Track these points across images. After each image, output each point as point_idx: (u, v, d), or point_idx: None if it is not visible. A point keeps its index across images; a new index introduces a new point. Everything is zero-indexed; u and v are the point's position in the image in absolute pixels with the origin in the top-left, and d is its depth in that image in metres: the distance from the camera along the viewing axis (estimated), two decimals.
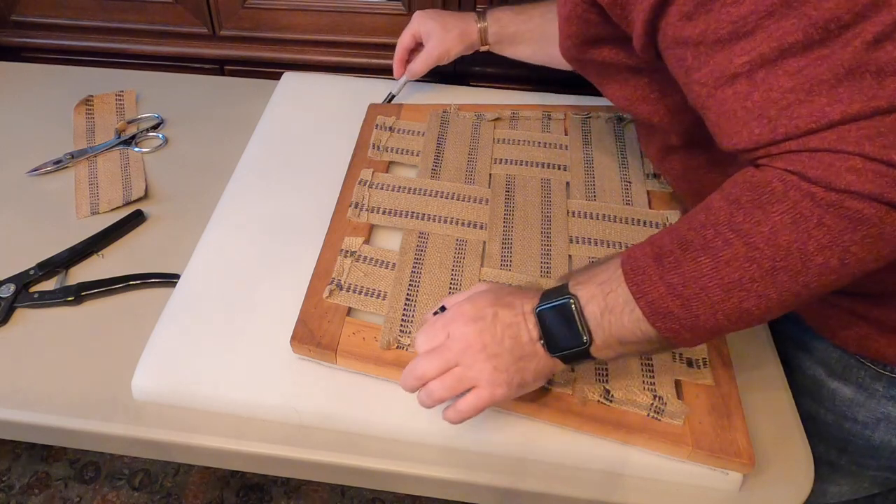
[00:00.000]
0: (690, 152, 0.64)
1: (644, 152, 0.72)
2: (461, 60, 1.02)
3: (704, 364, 0.61)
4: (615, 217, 0.73)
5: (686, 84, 0.49)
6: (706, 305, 0.46)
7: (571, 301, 0.50)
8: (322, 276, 0.67)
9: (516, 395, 0.54)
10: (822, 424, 0.67)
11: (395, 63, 0.88)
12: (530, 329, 0.52)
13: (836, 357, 0.64)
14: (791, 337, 0.69)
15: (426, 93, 0.93)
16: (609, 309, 0.50)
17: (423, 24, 0.85)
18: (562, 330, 0.51)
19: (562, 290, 0.52)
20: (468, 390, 0.53)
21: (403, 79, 0.88)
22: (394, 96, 0.90)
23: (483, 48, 0.86)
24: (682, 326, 0.47)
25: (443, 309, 0.56)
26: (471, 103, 0.88)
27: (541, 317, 0.52)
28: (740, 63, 0.44)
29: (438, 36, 0.84)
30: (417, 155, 0.81)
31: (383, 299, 0.65)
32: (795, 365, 0.69)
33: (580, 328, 0.50)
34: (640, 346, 0.50)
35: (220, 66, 1.08)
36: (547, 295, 0.52)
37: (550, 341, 0.51)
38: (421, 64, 0.86)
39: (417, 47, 0.87)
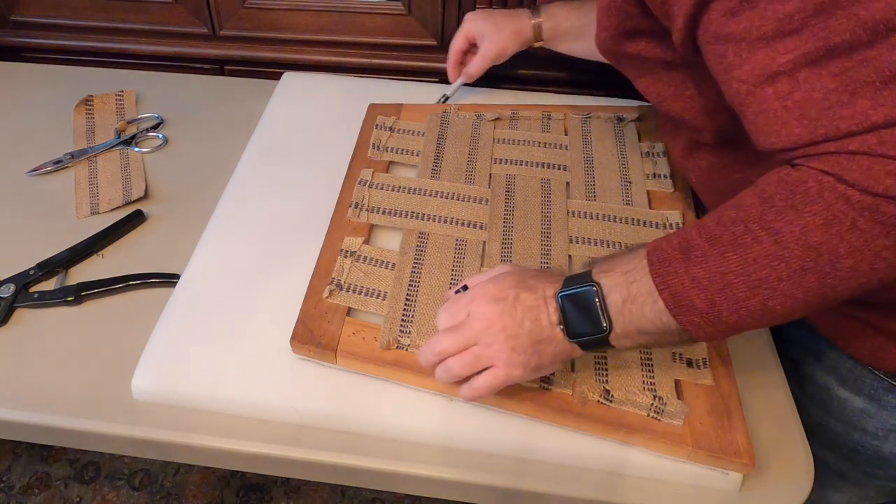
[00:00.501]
0: (718, 151, 0.63)
1: (667, 148, 0.71)
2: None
3: (704, 364, 0.61)
4: (615, 217, 0.73)
5: (725, 81, 0.48)
6: (730, 301, 0.46)
7: (594, 288, 0.51)
8: (322, 276, 0.67)
9: (532, 377, 0.55)
10: (830, 433, 0.67)
11: (450, 66, 0.88)
12: (550, 313, 0.52)
13: (848, 367, 0.64)
14: (803, 344, 0.68)
15: (426, 93, 0.93)
16: (631, 298, 0.50)
17: (475, 25, 0.85)
18: (582, 316, 0.51)
19: (585, 276, 0.52)
20: (485, 369, 0.53)
21: (459, 81, 0.88)
22: (448, 98, 0.90)
23: (536, 45, 0.85)
24: (704, 320, 0.47)
25: (465, 288, 0.57)
26: (471, 103, 0.88)
27: (562, 302, 0.52)
28: (783, 61, 0.44)
29: (492, 36, 0.83)
30: (417, 155, 0.81)
31: (383, 299, 0.65)
32: (806, 373, 0.68)
33: (601, 316, 0.50)
34: (660, 337, 0.50)
35: (220, 66, 1.08)
36: (570, 280, 0.53)
37: (570, 326, 0.52)
38: (477, 66, 0.85)
39: (470, 49, 0.87)
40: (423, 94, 0.92)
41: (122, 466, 1.34)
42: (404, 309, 0.64)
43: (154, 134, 0.90)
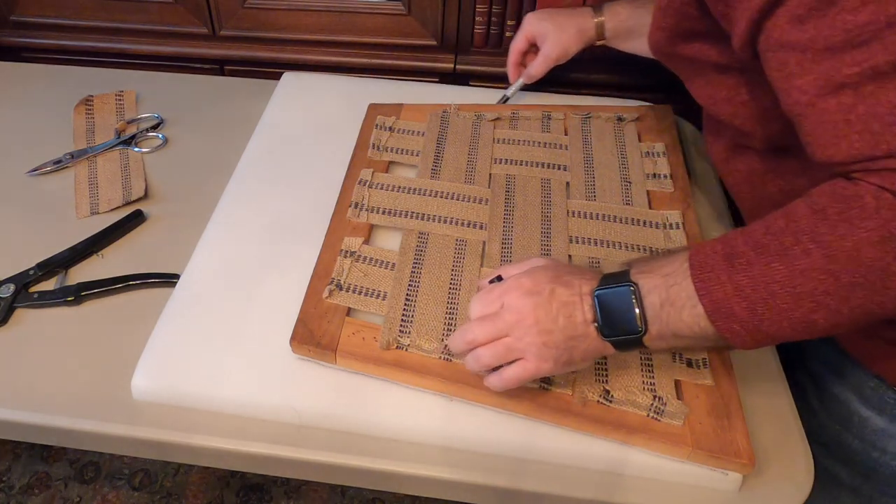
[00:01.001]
0: (763, 157, 0.62)
1: (707, 149, 0.71)
2: (461, 60, 1.02)
3: (704, 364, 0.61)
4: (615, 217, 0.73)
5: (784, 89, 0.48)
6: (772, 312, 0.46)
7: (632, 288, 0.51)
8: (322, 276, 0.67)
9: (561, 372, 0.55)
10: (848, 450, 0.66)
11: (510, 67, 0.88)
12: (585, 310, 0.52)
13: (871, 386, 0.63)
14: (825, 358, 0.67)
15: (426, 93, 0.93)
16: (670, 301, 0.49)
17: (536, 25, 0.84)
18: (618, 316, 0.51)
19: (623, 276, 0.52)
20: (515, 360, 0.53)
21: (519, 82, 0.88)
22: (508, 99, 0.90)
23: (598, 43, 0.85)
24: (744, 328, 0.47)
25: (499, 278, 0.57)
26: (471, 103, 0.88)
27: (598, 300, 0.51)
28: (849, 73, 0.43)
29: (555, 36, 0.83)
30: (417, 155, 0.81)
31: (383, 299, 0.65)
32: (827, 387, 0.67)
33: (637, 316, 0.50)
34: (695, 342, 0.50)
35: (220, 66, 1.08)
36: (607, 279, 0.52)
37: (604, 325, 0.51)
38: (540, 66, 0.85)
39: (530, 49, 0.87)
40: (423, 94, 0.92)
41: (122, 466, 1.34)
42: (404, 309, 0.64)
43: (154, 134, 0.90)
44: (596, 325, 0.52)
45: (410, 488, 0.60)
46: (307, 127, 0.87)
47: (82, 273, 0.72)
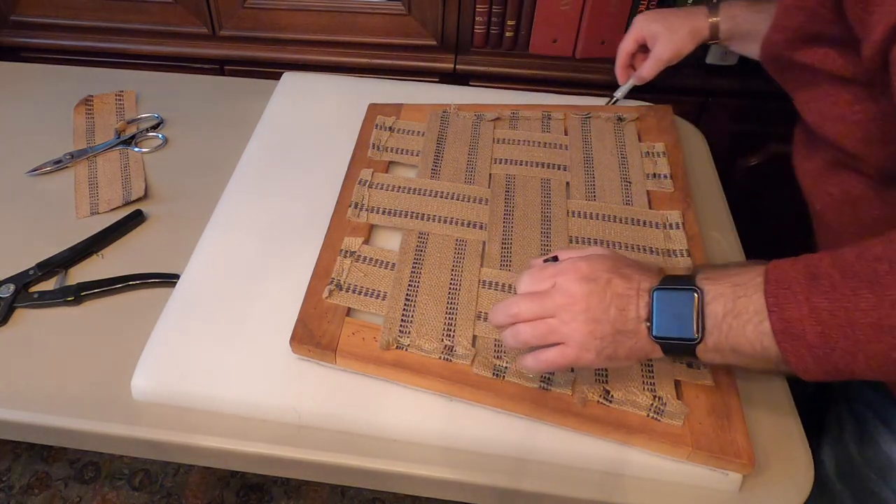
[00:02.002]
0: (864, 182, 0.58)
1: (795, 166, 0.66)
2: (461, 60, 1.02)
3: (704, 364, 0.61)
4: (615, 217, 0.73)
5: None
6: (849, 342, 0.43)
7: (696, 293, 0.48)
8: (321, 276, 0.67)
9: (602, 366, 0.53)
10: (877, 499, 0.63)
11: (619, 68, 0.87)
12: (640, 306, 0.50)
13: None
14: (872, 404, 0.64)
15: (426, 93, 0.93)
16: (735, 313, 0.47)
17: (647, 27, 0.83)
18: (674, 318, 0.49)
19: (688, 279, 0.50)
20: (555, 344, 0.51)
21: (630, 83, 0.88)
22: (617, 100, 0.89)
23: (710, 43, 0.83)
24: (811, 355, 0.44)
25: (555, 259, 0.55)
26: (471, 103, 0.88)
27: (656, 298, 0.50)
28: None
29: (666, 38, 0.82)
30: (417, 155, 0.81)
31: (383, 299, 0.65)
32: (870, 434, 0.64)
33: (695, 322, 0.48)
34: (753, 361, 0.48)
35: (220, 66, 1.08)
36: (669, 279, 0.50)
37: (657, 325, 0.49)
38: (651, 68, 0.83)
39: (639, 49, 0.85)
40: (423, 94, 0.92)
41: (122, 466, 1.34)
42: (404, 309, 0.64)
43: (154, 134, 0.90)
44: (648, 324, 0.50)
45: (410, 488, 0.60)
46: (307, 127, 0.87)
47: (82, 273, 0.72)
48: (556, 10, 0.96)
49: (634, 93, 0.89)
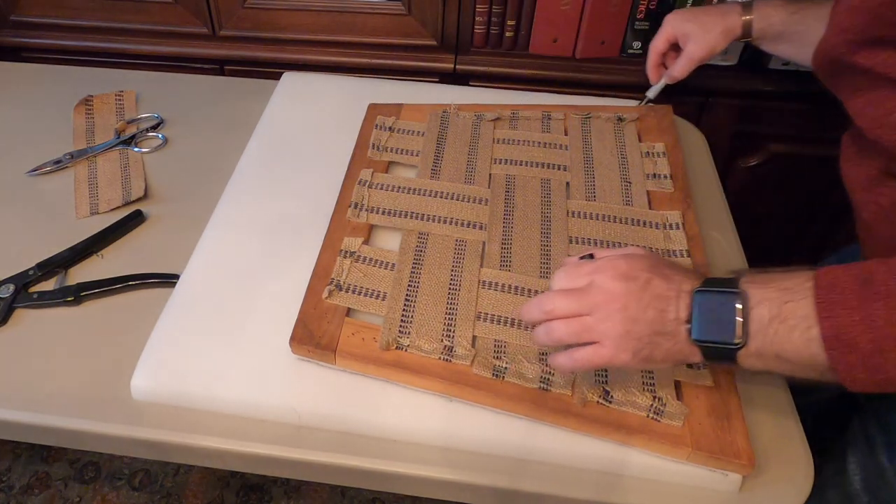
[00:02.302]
0: None
1: (843, 174, 0.64)
2: (461, 60, 1.02)
3: (704, 365, 0.61)
4: (615, 217, 0.73)
5: None
6: None
7: (740, 296, 0.47)
8: (321, 276, 0.67)
9: (637, 367, 0.51)
10: None
11: (650, 68, 0.86)
12: (680, 308, 0.49)
13: None
14: None
15: (426, 93, 0.93)
16: (781, 318, 0.46)
17: (679, 26, 0.82)
18: (716, 322, 0.47)
19: (731, 282, 0.49)
20: (589, 343, 0.51)
21: (662, 82, 0.87)
22: (651, 101, 0.89)
23: (742, 40, 0.82)
24: (863, 364, 0.43)
25: (591, 256, 0.54)
26: (471, 103, 0.88)
27: (697, 300, 0.48)
28: None
29: (699, 37, 0.81)
30: (417, 155, 0.81)
31: (383, 300, 0.65)
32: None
33: (738, 327, 0.47)
34: (797, 368, 0.47)
35: (220, 66, 1.08)
36: (711, 281, 0.49)
37: (697, 328, 0.48)
38: (684, 68, 0.83)
39: (670, 48, 0.85)
40: (423, 94, 0.92)
41: (122, 466, 1.34)
42: (403, 309, 0.64)
43: (154, 134, 0.90)
44: (688, 326, 0.48)
45: (410, 489, 0.60)
46: (307, 127, 0.87)
47: (82, 273, 0.72)
48: (556, 10, 0.96)
49: (664, 94, 0.88)
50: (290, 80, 0.95)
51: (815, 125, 1.03)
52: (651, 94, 0.89)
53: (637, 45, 1.00)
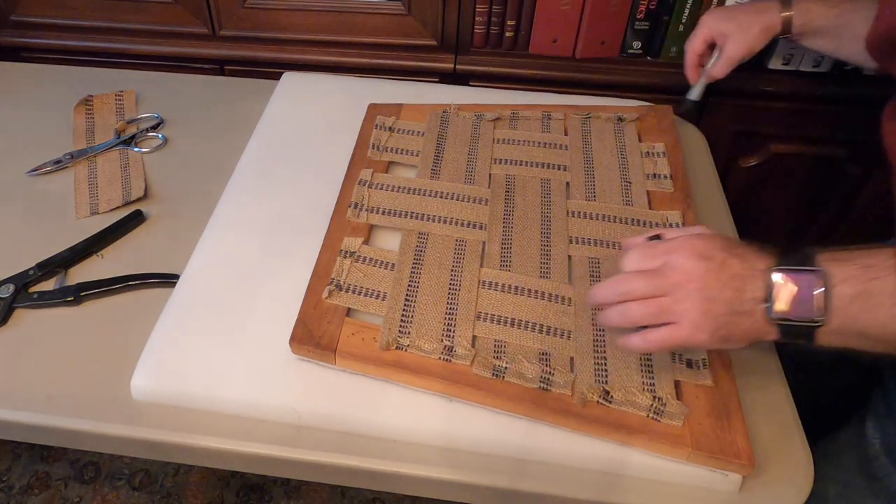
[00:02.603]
0: None
1: (888, 144, 0.64)
2: (461, 60, 1.02)
3: (704, 365, 0.61)
4: (615, 217, 0.73)
5: None
6: None
7: (821, 274, 0.47)
8: (321, 276, 0.67)
9: (713, 347, 0.51)
10: None
11: (688, 69, 0.85)
12: (756, 287, 0.49)
13: None
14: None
15: (426, 93, 0.93)
16: (866, 295, 0.46)
17: (716, 26, 0.81)
18: (796, 301, 0.47)
19: (807, 259, 0.48)
20: (664, 324, 0.50)
21: (702, 82, 0.86)
22: (693, 103, 0.88)
23: (781, 37, 0.81)
24: None
25: (658, 237, 0.54)
26: (471, 103, 0.88)
27: (775, 279, 0.48)
28: None
29: (738, 37, 0.80)
30: (417, 155, 0.81)
31: (383, 300, 0.65)
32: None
33: (820, 305, 0.46)
34: (880, 345, 0.47)
35: (220, 66, 1.08)
36: (787, 258, 0.49)
37: (778, 308, 0.48)
38: (724, 68, 0.82)
39: (707, 47, 0.84)
40: (423, 94, 0.92)
41: (122, 466, 1.34)
42: (403, 309, 0.64)
43: (154, 134, 0.90)
44: (765, 305, 0.48)
45: (410, 489, 0.60)
46: (307, 127, 0.87)
47: (82, 273, 0.72)
48: (556, 10, 0.96)
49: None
50: (290, 80, 0.95)
51: (815, 125, 1.03)
52: (693, 95, 0.87)
53: (637, 44, 1.00)
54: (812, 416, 0.62)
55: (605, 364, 0.60)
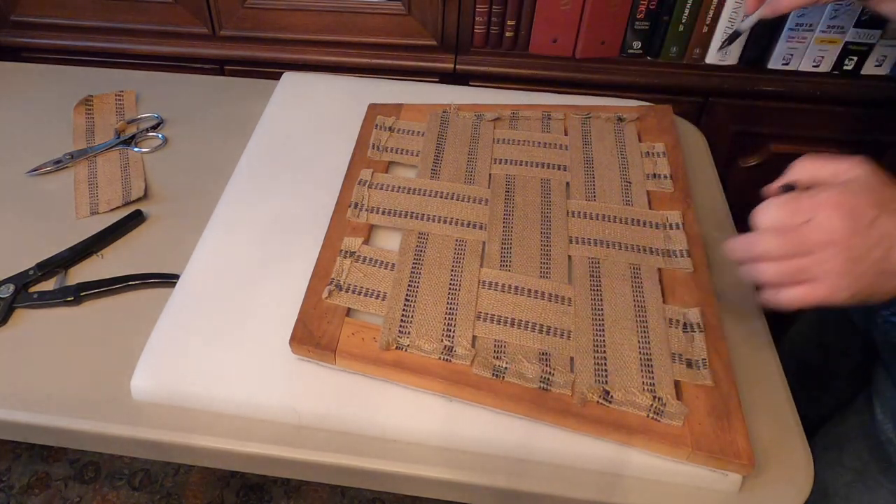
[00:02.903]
0: None
1: None
2: (461, 60, 1.02)
3: (704, 365, 0.61)
4: (615, 217, 0.73)
5: None
6: None
7: None
8: (321, 276, 0.67)
9: (853, 304, 0.49)
10: None
11: None
12: None
13: None
14: None
15: (426, 93, 0.93)
16: None
17: None
18: None
19: None
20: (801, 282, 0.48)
21: (758, 13, 0.76)
22: (739, 34, 0.82)
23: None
24: None
25: (789, 188, 0.50)
26: (471, 103, 0.88)
27: None
28: None
29: None
30: (417, 155, 0.81)
31: (383, 300, 0.65)
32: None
33: None
34: None
35: (220, 66, 1.08)
36: None
37: None
38: (792, 1, 0.72)
39: None
40: (423, 94, 0.92)
41: (122, 466, 1.34)
42: (404, 309, 0.64)
43: (154, 134, 0.90)
44: None
45: (410, 489, 0.60)
46: (307, 127, 0.87)
47: (82, 273, 0.72)
48: (556, 10, 0.96)
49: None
50: (290, 81, 0.95)
51: (815, 125, 1.03)
52: (745, 25, 0.80)
53: (637, 45, 1.00)
54: (810, 406, 0.62)
55: (605, 364, 0.60)
